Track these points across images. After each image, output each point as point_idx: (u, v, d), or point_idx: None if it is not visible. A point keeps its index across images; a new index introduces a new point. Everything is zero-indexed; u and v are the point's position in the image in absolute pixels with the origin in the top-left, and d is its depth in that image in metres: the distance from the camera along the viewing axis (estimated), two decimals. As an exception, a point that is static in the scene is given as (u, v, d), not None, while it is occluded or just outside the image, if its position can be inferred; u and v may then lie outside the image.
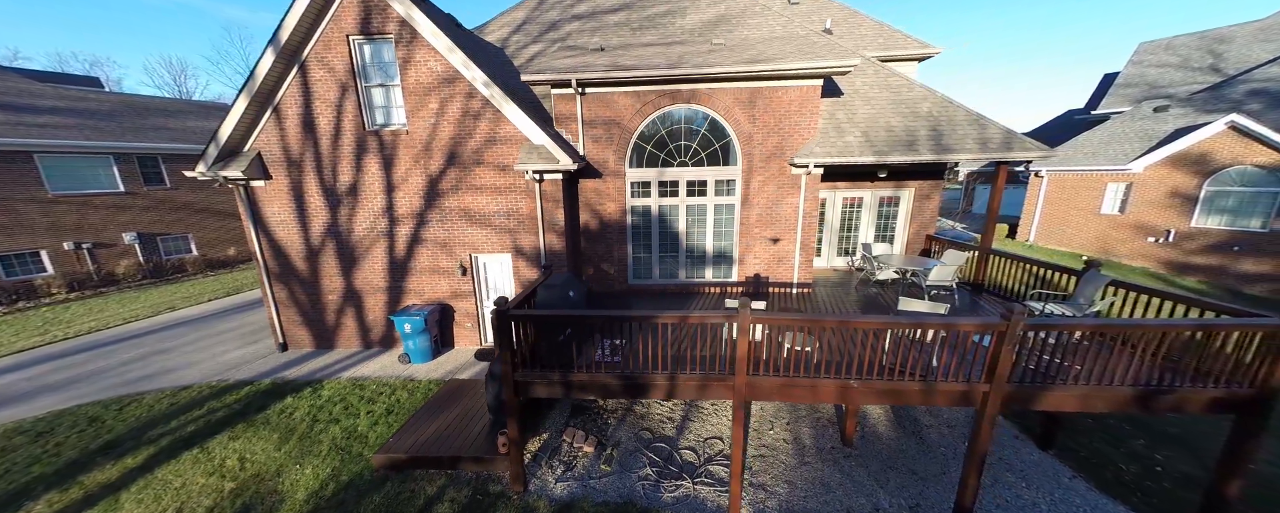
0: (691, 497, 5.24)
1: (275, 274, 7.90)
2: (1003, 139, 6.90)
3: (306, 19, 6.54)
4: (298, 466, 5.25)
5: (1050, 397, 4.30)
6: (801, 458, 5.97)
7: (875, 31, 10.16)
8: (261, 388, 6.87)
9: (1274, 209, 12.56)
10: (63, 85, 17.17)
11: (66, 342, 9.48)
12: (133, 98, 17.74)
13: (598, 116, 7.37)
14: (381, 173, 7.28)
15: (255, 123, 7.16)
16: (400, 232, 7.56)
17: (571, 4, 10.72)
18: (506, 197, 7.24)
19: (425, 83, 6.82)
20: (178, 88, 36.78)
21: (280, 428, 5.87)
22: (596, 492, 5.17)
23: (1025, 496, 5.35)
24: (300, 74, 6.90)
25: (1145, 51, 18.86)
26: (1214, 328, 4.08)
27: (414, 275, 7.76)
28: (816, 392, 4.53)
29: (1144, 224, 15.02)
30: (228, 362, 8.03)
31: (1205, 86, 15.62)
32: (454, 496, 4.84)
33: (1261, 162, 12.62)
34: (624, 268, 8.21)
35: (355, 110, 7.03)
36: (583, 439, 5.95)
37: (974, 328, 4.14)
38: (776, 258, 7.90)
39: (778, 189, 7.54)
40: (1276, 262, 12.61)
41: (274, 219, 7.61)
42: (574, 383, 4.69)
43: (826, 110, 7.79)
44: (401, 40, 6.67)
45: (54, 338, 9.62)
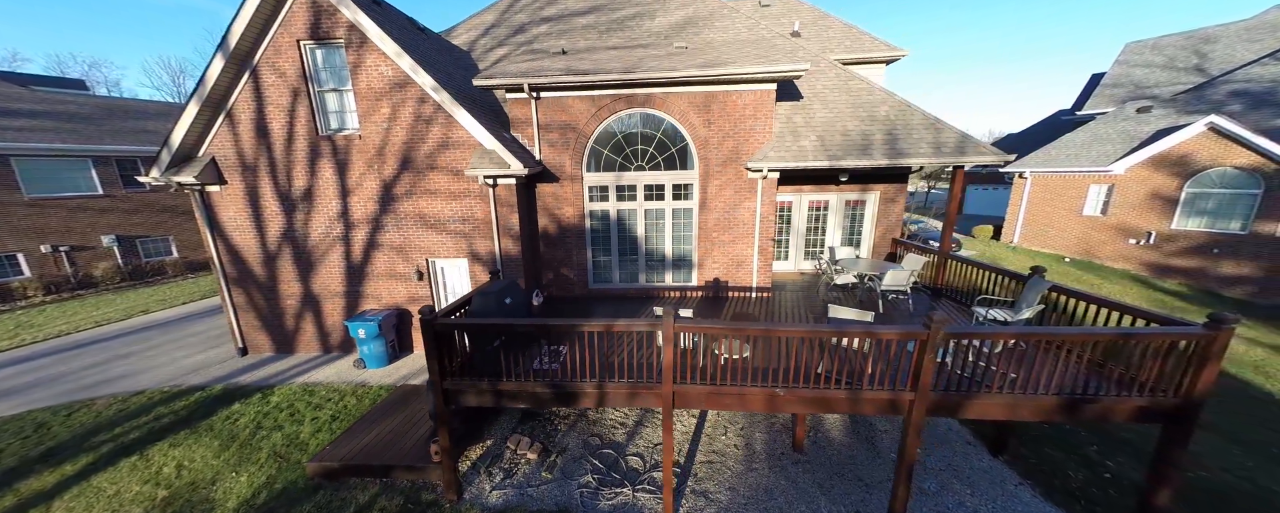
0: (630, 504, 5.21)
1: (233, 279, 7.90)
2: (957, 143, 6.85)
3: (256, 24, 6.52)
4: (234, 473, 5.23)
5: (976, 405, 4.26)
6: (749, 465, 5.94)
7: (843, 34, 10.12)
8: (212, 394, 6.86)
9: (1253, 211, 12.47)
10: (46, 88, 17.21)
11: (34, 345, 9.49)
12: (113, 100, 17.78)
13: (553, 121, 7.34)
14: (336, 178, 7.27)
15: (209, 128, 7.15)
16: (356, 236, 7.55)
17: (541, 7, 10.70)
18: (461, 201, 7.21)
19: (376, 87, 6.81)
20: (177, 88, 36.86)
21: (223, 435, 5.86)
22: (533, 499, 5.14)
23: (968, 503, 5.31)
24: (252, 79, 6.89)
25: (1132, 51, 18.76)
26: (1134, 337, 4.03)
27: (371, 280, 7.75)
28: (744, 400, 4.50)
29: (1125, 226, 14.93)
30: (186, 366, 8.02)
31: (1189, 87, 15.53)
32: (385, 504, 4.82)
33: (1240, 163, 12.54)
34: (584, 272, 8.19)
35: (308, 115, 7.02)
36: (527, 446, 5.93)
37: (896, 336, 4.10)
38: (735, 262, 7.87)
39: (735, 193, 7.50)
40: (1256, 264, 12.52)
41: (230, 224, 7.60)
42: (504, 392, 4.66)
43: (785, 114, 7.75)
44: (351, 45, 6.66)
45: (22, 341, 9.63)
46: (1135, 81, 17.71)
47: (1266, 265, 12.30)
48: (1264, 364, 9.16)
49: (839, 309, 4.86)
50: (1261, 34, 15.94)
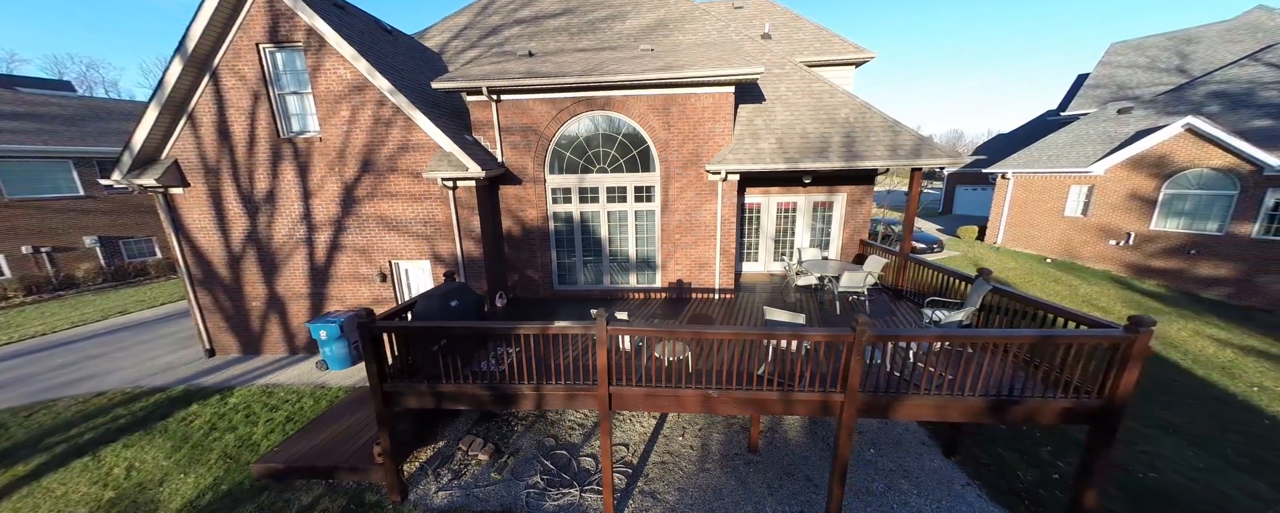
0: (576, 504, 5.24)
1: (199, 280, 7.94)
2: (913, 146, 6.88)
3: (214, 27, 6.56)
4: (182, 474, 5.27)
5: (905, 406, 4.29)
6: (702, 465, 5.98)
7: (814, 36, 10.15)
8: (172, 395, 6.90)
9: (1229, 212, 12.49)
10: (31, 90, 17.26)
11: (7, 346, 9.54)
12: (98, 101, 17.83)
13: (515, 123, 7.38)
14: (298, 180, 7.31)
15: (171, 130, 7.20)
16: (319, 238, 7.59)
17: (515, 9, 10.74)
18: (422, 204, 7.25)
19: (336, 90, 6.84)
20: (171, 89, 36.67)
21: (176, 436, 5.90)
22: (478, 500, 5.18)
23: (913, 503, 5.35)
24: (213, 82, 6.93)
25: (1115, 52, 18.78)
26: (1056, 338, 4.06)
27: (335, 282, 7.79)
28: (680, 401, 4.53)
29: (1106, 227, 14.95)
30: (153, 368, 8.07)
31: (1170, 88, 15.54)
32: (328, 506, 4.85)
33: (1217, 164, 12.56)
34: (549, 274, 8.22)
35: (269, 118, 7.06)
36: (479, 447, 5.97)
37: (823, 338, 4.14)
38: (698, 264, 7.90)
39: (696, 196, 7.54)
40: (1232, 265, 12.54)
41: (195, 226, 7.64)
42: (443, 393, 4.70)
43: (746, 117, 7.78)
44: (310, 48, 6.69)
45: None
46: (1119, 82, 17.73)
47: (1242, 267, 12.32)
48: (1232, 365, 9.18)
49: (773, 312, 4.89)
50: (1242, 35, 15.96)
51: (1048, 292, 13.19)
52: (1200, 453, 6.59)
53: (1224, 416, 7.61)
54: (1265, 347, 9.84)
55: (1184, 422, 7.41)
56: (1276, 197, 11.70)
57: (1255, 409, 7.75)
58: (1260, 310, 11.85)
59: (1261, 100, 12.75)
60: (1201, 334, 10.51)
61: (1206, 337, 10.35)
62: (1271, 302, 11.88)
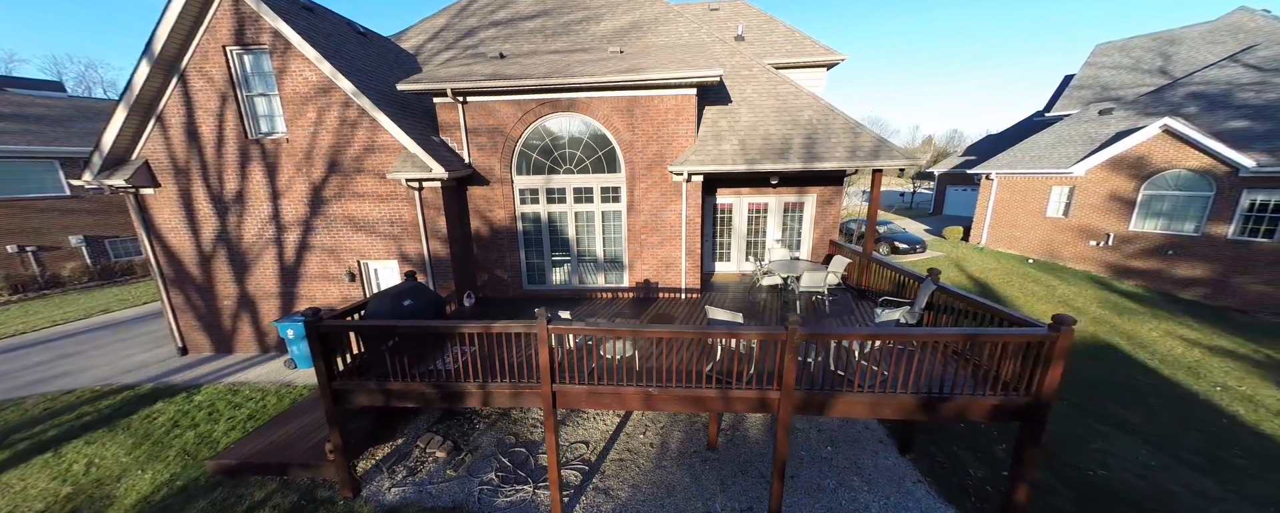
0: (528, 501, 5.32)
1: (171, 280, 8.03)
2: (872, 148, 6.95)
3: (180, 30, 6.65)
4: (140, 471, 5.36)
5: (840, 404, 4.36)
6: (659, 462, 6.05)
7: (786, 38, 10.22)
8: (140, 392, 6.99)
9: (1206, 213, 12.56)
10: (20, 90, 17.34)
11: (-15, 345, 9.62)
12: (87, 101, 17.92)
13: (481, 124, 7.46)
14: (267, 180, 7.39)
15: (140, 131, 7.28)
16: (288, 238, 7.67)
17: (492, 11, 10.82)
18: (389, 204, 7.34)
19: (302, 92, 6.93)
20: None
21: (138, 433, 5.98)
22: (430, 497, 5.26)
23: (862, 499, 5.42)
24: (181, 84, 7.02)
25: (1101, 53, 18.84)
26: (981, 337, 4.14)
27: (305, 281, 7.87)
28: (622, 399, 4.61)
29: (1086, 227, 15.02)
30: (126, 366, 8.16)
31: (1152, 89, 15.61)
32: (279, 502, 4.94)
33: (1193, 165, 12.62)
34: (518, 274, 8.31)
35: (237, 119, 7.14)
36: (438, 445, 6.05)
37: (757, 336, 4.22)
38: (665, 264, 7.98)
39: (661, 196, 7.62)
40: (1209, 266, 12.61)
41: (165, 226, 7.73)
42: (392, 391, 4.78)
43: (711, 118, 7.86)
44: (276, 50, 6.78)
45: (-25, 341, 9.76)
46: (1103, 83, 17.80)
47: (1218, 268, 12.39)
48: (1199, 365, 9.25)
49: (715, 311, 4.97)
50: (1223, 36, 16.02)
51: (1025, 292, 13.26)
52: (1154, 451, 6.66)
53: (1184, 415, 7.68)
54: (1234, 347, 9.91)
55: (1142, 421, 7.48)
56: (1252, 198, 11.77)
57: (1215, 409, 7.82)
58: (1235, 311, 11.92)
59: (1238, 101, 12.82)
60: (1173, 335, 10.58)
61: (1177, 337, 10.42)
62: (1246, 302, 11.95)
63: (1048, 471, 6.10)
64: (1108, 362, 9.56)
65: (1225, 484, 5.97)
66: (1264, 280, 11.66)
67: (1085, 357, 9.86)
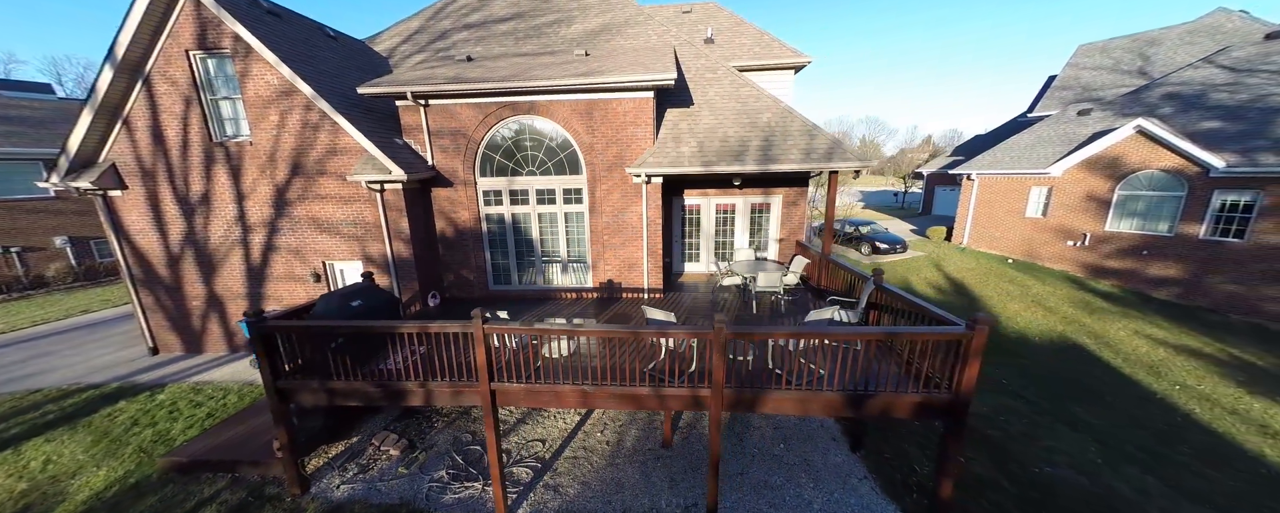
0: (475, 498, 5.42)
1: (141, 280, 8.13)
2: (826, 150, 7.05)
3: (144, 35, 6.75)
4: (96, 468, 5.46)
5: (770, 401, 4.46)
6: (612, 460, 6.14)
7: (755, 40, 10.32)
8: (106, 391, 7.10)
9: (1178, 213, 12.64)
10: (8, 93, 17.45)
11: (-37, 345, 9.73)
12: (73, 103, 18.03)
13: (444, 127, 7.56)
14: (231, 182, 7.50)
15: (107, 134, 7.39)
16: (254, 239, 7.78)
17: (466, 14, 10.92)
18: (352, 206, 7.44)
19: (264, 95, 7.03)
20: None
21: (98, 431, 6.09)
22: (379, 494, 5.35)
23: (806, 495, 5.51)
24: (146, 88, 7.12)
25: (1082, 53, 18.92)
26: (900, 335, 4.23)
27: (272, 282, 7.97)
28: (559, 397, 4.71)
29: (1064, 227, 15.11)
30: (97, 365, 8.26)
31: (1130, 89, 15.69)
32: (227, 498, 5.04)
33: (1166, 166, 12.71)
34: (484, 274, 8.41)
35: (201, 123, 7.25)
36: (393, 443, 6.15)
37: (685, 335, 4.31)
38: (627, 265, 8.08)
39: (622, 198, 7.71)
40: (1182, 266, 12.69)
41: (134, 227, 7.83)
42: (335, 390, 4.88)
43: (673, 120, 7.95)
44: (237, 54, 6.88)
45: (-48, 341, 9.87)
46: (1084, 84, 17.88)
47: (1191, 268, 12.47)
48: (1161, 365, 9.35)
49: (652, 310, 5.07)
50: (1201, 37, 16.10)
51: (1000, 292, 13.35)
52: (1103, 449, 6.76)
53: (1139, 413, 7.78)
54: (1200, 346, 9.99)
55: (1097, 419, 7.57)
56: (1223, 198, 11.86)
57: (1171, 407, 7.92)
58: (1206, 310, 12.00)
59: (1212, 102, 12.91)
60: (1140, 334, 10.67)
61: (1144, 336, 10.50)
62: (1217, 302, 12.03)
63: (993, 467, 6.20)
64: (1071, 360, 9.65)
65: (1167, 482, 6.06)
66: (1234, 280, 11.75)
67: (1050, 355, 9.96)
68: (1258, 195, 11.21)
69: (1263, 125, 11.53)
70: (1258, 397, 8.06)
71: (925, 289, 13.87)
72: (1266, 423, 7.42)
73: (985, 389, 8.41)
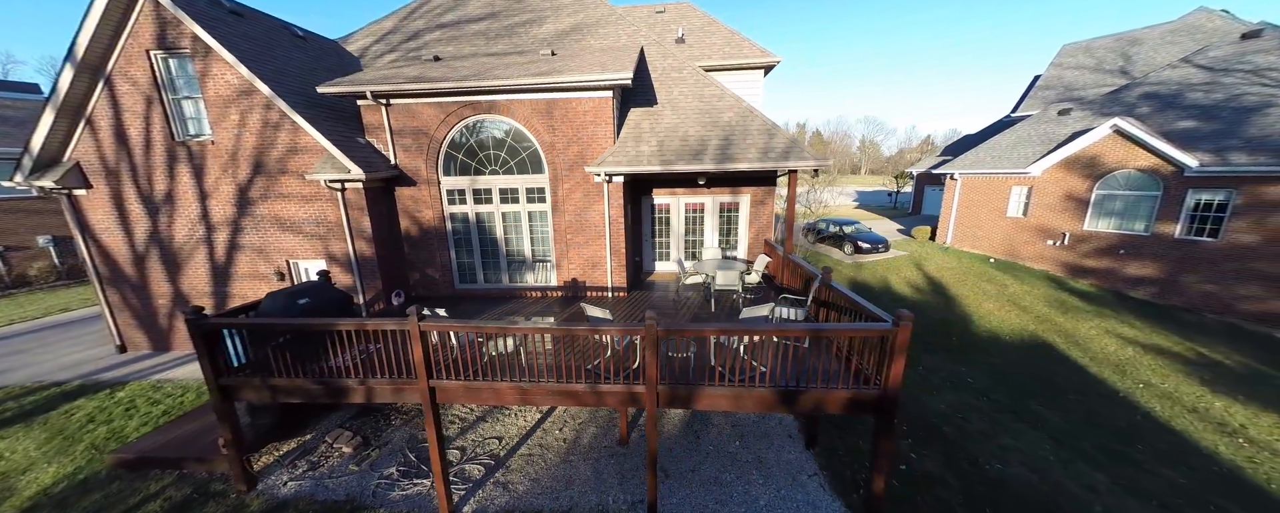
0: (423, 495, 5.45)
1: (107, 279, 8.17)
2: (783, 149, 7.08)
3: (103, 35, 6.79)
4: (47, 464, 5.50)
5: (704, 397, 4.49)
6: (566, 458, 6.17)
7: (725, 40, 10.35)
8: (67, 389, 7.14)
9: (1154, 213, 12.66)
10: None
11: (-63, 344, 9.78)
12: (59, 104, 18.05)
13: (406, 126, 7.59)
14: (194, 182, 7.54)
15: (71, 134, 7.43)
16: (218, 238, 7.81)
17: (440, 14, 10.95)
18: (314, 204, 7.47)
19: (224, 95, 7.07)
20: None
21: (53, 428, 6.13)
22: (326, 491, 5.39)
23: (754, 492, 5.55)
24: (108, 88, 7.16)
25: (1067, 53, 18.94)
26: (826, 331, 4.26)
27: (236, 281, 8.01)
28: (498, 394, 4.74)
29: (1044, 227, 15.13)
30: (65, 363, 8.30)
31: (1112, 89, 15.71)
32: (172, 494, 5.08)
33: (1142, 165, 12.73)
34: (449, 273, 8.44)
35: (163, 122, 7.29)
36: (346, 440, 6.18)
37: (618, 332, 4.35)
38: (591, 264, 8.11)
39: (584, 197, 7.75)
40: (1159, 265, 12.71)
41: (99, 226, 7.87)
42: (277, 387, 4.92)
43: (635, 119, 7.99)
44: (197, 54, 6.92)
45: (-74, 340, 9.91)
46: (1067, 83, 17.90)
47: (1167, 267, 12.49)
48: (1128, 363, 9.37)
49: (590, 308, 5.10)
50: (1182, 36, 16.12)
51: (977, 291, 13.37)
52: (1058, 447, 6.78)
53: (1099, 411, 7.80)
54: (1169, 345, 10.01)
55: (1056, 417, 7.60)
56: (1197, 197, 11.88)
57: (1132, 405, 7.94)
58: (1181, 310, 12.02)
59: (1187, 102, 12.93)
60: (1111, 333, 10.68)
61: (1114, 335, 10.52)
62: (1192, 301, 12.05)
63: (944, 464, 6.23)
64: (1039, 359, 9.67)
65: (1118, 479, 6.09)
66: (1209, 280, 11.77)
67: (1019, 354, 9.98)
68: (1231, 194, 11.23)
69: (1236, 125, 11.55)
70: (1219, 395, 8.08)
71: (903, 289, 13.90)
72: (1225, 421, 7.44)
73: (948, 387, 8.44)
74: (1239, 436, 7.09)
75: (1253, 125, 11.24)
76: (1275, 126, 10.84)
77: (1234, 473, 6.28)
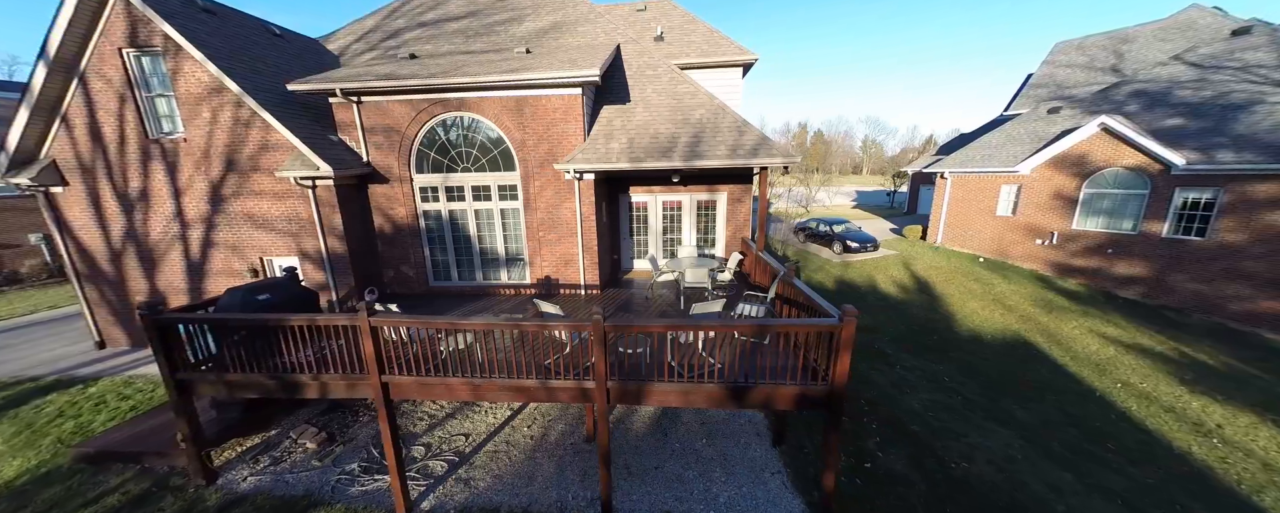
0: (383, 490, 5.45)
1: (85, 276, 8.24)
2: (752, 147, 7.06)
3: (76, 33, 6.85)
4: (11, 458, 5.55)
5: (655, 393, 4.48)
6: (531, 454, 6.18)
7: (705, 38, 10.33)
8: (42, 384, 7.20)
9: (1142, 212, 12.56)
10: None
11: (-77, 340, 9.88)
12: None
13: (377, 124, 7.62)
14: (168, 179, 7.59)
15: (47, 131, 7.50)
16: (193, 235, 7.87)
17: (421, 12, 10.98)
18: (286, 202, 7.51)
19: (195, 93, 7.12)
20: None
21: (22, 423, 6.18)
22: (285, 485, 5.40)
23: (715, 489, 5.53)
24: (81, 86, 7.22)
25: (1060, 51, 18.81)
26: (770, 326, 4.24)
27: (211, 277, 8.06)
28: (450, 389, 4.75)
29: (1033, 226, 15.03)
30: (43, 359, 8.38)
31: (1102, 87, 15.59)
32: (131, 488, 5.11)
33: (1130, 164, 12.63)
34: (423, 270, 8.46)
35: (137, 119, 7.34)
36: (311, 436, 6.20)
37: (566, 327, 4.34)
38: (563, 261, 8.11)
39: (555, 194, 7.75)
40: (1147, 264, 12.61)
41: (77, 223, 7.94)
42: (232, 382, 4.95)
43: (608, 117, 7.98)
44: (168, 52, 6.97)
45: (-87, 336, 10.02)
46: (1059, 82, 17.78)
47: (1155, 266, 12.38)
48: (1109, 363, 9.29)
49: (544, 305, 5.10)
50: (1173, 34, 15.97)
51: (963, 291, 13.30)
52: (1027, 446, 6.74)
53: (1073, 410, 7.74)
54: (1152, 345, 9.93)
55: (1030, 416, 7.54)
56: (1184, 196, 11.77)
57: (1107, 404, 7.87)
58: (1170, 309, 11.92)
59: (1176, 100, 12.82)
60: (1095, 332, 10.60)
61: (1097, 335, 10.44)
62: (1181, 301, 11.94)
63: (910, 463, 6.19)
64: (1019, 358, 9.61)
65: (1083, 478, 6.04)
66: (1196, 279, 11.66)
67: (999, 353, 9.91)
68: (1218, 193, 11.12)
69: (1223, 123, 11.44)
70: (1197, 395, 8.01)
71: (889, 288, 13.84)
72: (1202, 421, 7.37)
73: (925, 386, 8.40)
74: (1214, 436, 7.02)
75: (1240, 123, 11.13)
76: (1262, 124, 10.73)
77: (1204, 473, 6.22)
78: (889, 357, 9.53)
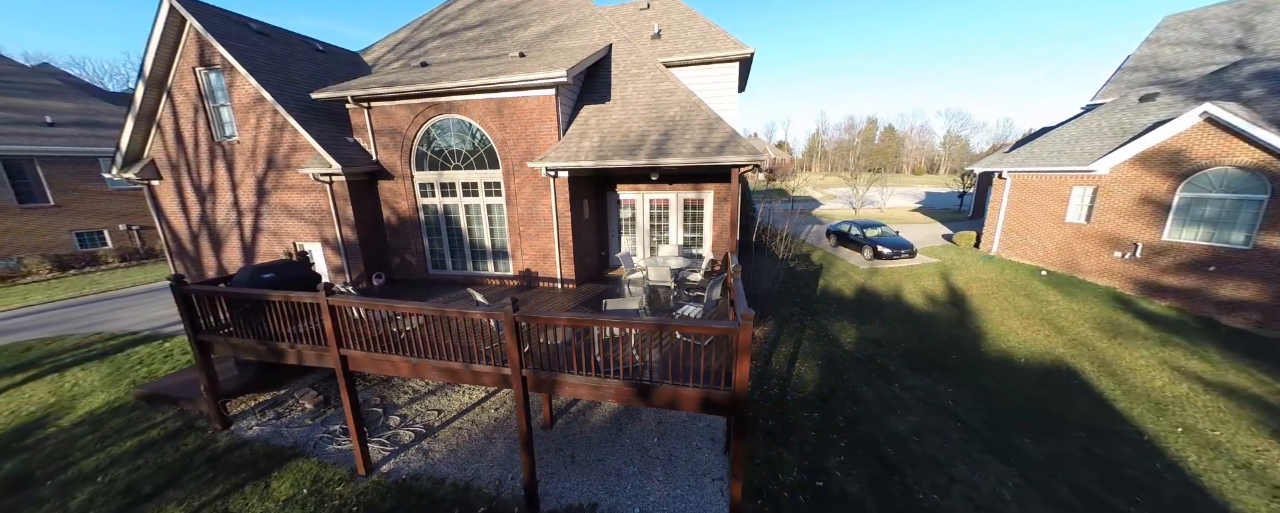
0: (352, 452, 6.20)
1: (175, 252, 10.18)
2: (719, 144, 6.85)
3: (163, 56, 8.49)
4: (101, 393, 7.11)
5: (567, 385, 4.62)
6: (489, 434, 6.64)
7: (702, 34, 10.10)
8: (138, 337, 9.06)
9: (1258, 221, 10.11)
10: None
11: (82, 297, 12.81)
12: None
13: (384, 126, 8.52)
14: (228, 174, 9.13)
15: (147, 136, 9.37)
16: (246, 222, 9.39)
17: (444, 23, 11.97)
18: (310, 195, 8.69)
19: (245, 103, 8.48)
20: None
21: (114, 366, 7.87)
22: (280, 437, 6.34)
23: (650, 488, 5.58)
24: (169, 99, 8.93)
25: (1167, 27, 15.60)
26: (669, 326, 4.15)
27: (259, 257, 9.56)
28: (394, 365, 5.28)
29: (1112, 235, 12.69)
30: (147, 319, 10.49)
31: (1216, 68, 12.70)
32: (168, 425, 6.33)
33: (1243, 162, 10.22)
34: (423, 259, 9.31)
35: (206, 125, 8.92)
36: (310, 398, 7.18)
37: (482, 316, 4.62)
38: (541, 255, 8.48)
39: (534, 191, 8.13)
40: (1261, 286, 10.15)
41: (169, 211, 9.84)
42: (236, 345, 5.91)
43: (585, 116, 8.17)
44: (226, 69, 8.37)
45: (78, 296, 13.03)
46: (1162, 63, 14.79)
47: (1273, 288, 9.93)
48: (1173, 402, 7.67)
49: (476, 293, 5.41)
50: (1335, -3, 12.53)
51: (1005, 307, 11.61)
52: (1024, 486, 5.85)
53: (1105, 453, 6.53)
54: (1248, 385, 7.99)
55: (1042, 454, 6.49)
56: (1321, 202, 9.31)
57: (1155, 451, 6.53)
58: (1292, 344, 9.48)
59: (1321, 80, 10.13)
60: (1169, 364, 8.74)
61: (1170, 367, 8.60)
62: (1310, 334, 9.47)
63: (870, 487, 5.69)
64: (1053, 388, 8.23)
65: (1082, 531, 5.13)
66: (1334, 307, 9.18)
67: (1029, 379, 8.57)
68: (1371, 199, 8.66)
69: (1386, 108, 8.85)
70: (1290, 452, 6.36)
71: (916, 299, 12.50)
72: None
73: (918, 408, 7.56)
74: (1296, 504, 5.57)
75: None
76: None
77: (1261, 549, 4.99)
78: (890, 373, 8.70)
